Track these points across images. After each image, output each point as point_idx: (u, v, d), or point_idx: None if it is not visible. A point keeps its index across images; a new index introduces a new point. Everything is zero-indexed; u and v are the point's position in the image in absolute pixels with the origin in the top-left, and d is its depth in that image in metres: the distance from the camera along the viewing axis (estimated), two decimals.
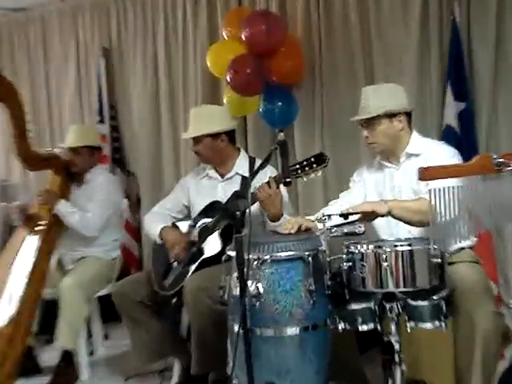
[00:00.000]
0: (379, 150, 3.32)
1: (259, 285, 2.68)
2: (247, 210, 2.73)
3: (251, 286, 2.66)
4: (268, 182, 3.34)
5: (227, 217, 2.63)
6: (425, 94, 4.48)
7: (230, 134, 3.87)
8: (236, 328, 2.62)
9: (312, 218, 3.17)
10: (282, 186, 3.35)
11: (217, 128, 3.78)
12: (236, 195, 2.63)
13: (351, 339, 3.14)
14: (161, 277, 3.75)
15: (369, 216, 2.95)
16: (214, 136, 3.78)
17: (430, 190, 2.40)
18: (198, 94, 5.30)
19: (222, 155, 3.85)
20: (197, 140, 3.81)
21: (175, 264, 3.73)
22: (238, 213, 2.54)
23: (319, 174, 3.32)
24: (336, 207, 3.32)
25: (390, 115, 3.24)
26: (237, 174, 3.82)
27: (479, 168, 2.53)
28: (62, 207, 4.29)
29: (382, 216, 2.96)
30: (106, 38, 5.85)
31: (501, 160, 2.49)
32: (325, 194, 4.78)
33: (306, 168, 3.29)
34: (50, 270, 4.22)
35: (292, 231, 3.07)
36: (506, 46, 4.29)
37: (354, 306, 2.70)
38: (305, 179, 3.34)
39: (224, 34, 4.82)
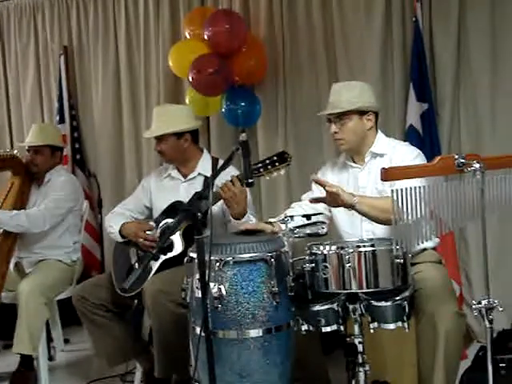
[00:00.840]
0: (346, 147, 3.32)
1: (221, 287, 2.66)
2: (209, 211, 2.71)
3: (213, 287, 2.64)
4: (231, 180, 3.33)
5: (188, 218, 2.60)
6: (388, 95, 4.52)
7: (194, 134, 3.85)
8: (198, 330, 2.60)
9: (275, 219, 3.16)
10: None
11: (181, 127, 3.76)
12: (198, 196, 2.60)
13: (315, 341, 3.14)
14: (122, 278, 3.70)
15: (334, 199, 2.94)
16: (179, 135, 3.76)
17: (392, 191, 2.41)
18: (160, 94, 5.27)
19: (185, 155, 3.83)
20: (160, 139, 3.78)
21: (137, 265, 3.69)
22: (199, 214, 2.52)
23: (282, 172, 3.32)
24: (298, 209, 3.33)
25: (361, 112, 3.27)
26: (199, 174, 3.80)
27: (442, 168, 2.55)
28: (1, 215, 4.18)
29: (346, 206, 2.97)
30: (67, 37, 5.77)
31: (463, 161, 2.51)
32: (288, 195, 4.79)
33: (269, 167, 3.29)
34: (9, 273, 4.16)
35: (248, 227, 3.09)
36: (467, 47, 4.35)
37: (317, 308, 2.69)
38: (267, 178, 3.35)
39: (186, 33, 4.80)
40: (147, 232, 3.70)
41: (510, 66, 4.24)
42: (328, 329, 2.70)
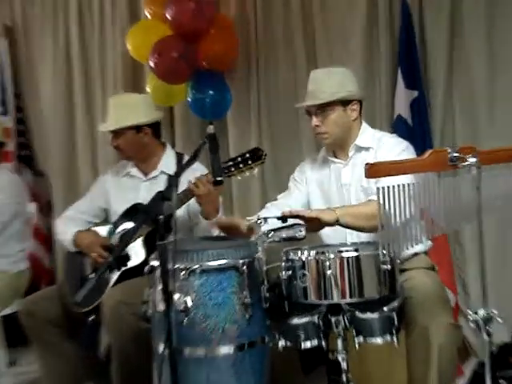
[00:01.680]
0: (330, 141, 3.34)
1: (187, 298, 2.65)
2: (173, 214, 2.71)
3: (178, 299, 2.63)
4: (206, 175, 3.36)
5: (149, 222, 2.59)
6: (373, 81, 4.55)
7: (155, 127, 3.85)
8: (161, 348, 2.59)
9: (247, 222, 3.17)
10: None
11: (140, 119, 3.75)
12: (160, 196, 2.59)
13: (293, 358, 3.15)
14: (75, 291, 3.68)
15: (313, 224, 2.95)
16: (137, 129, 3.75)
17: (378, 188, 2.42)
18: (118, 82, 5.25)
19: (145, 151, 3.82)
20: (117, 133, 3.77)
21: (92, 275, 3.68)
22: (161, 217, 2.51)
23: (255, 171, 3.34)
24: (273, 210, 3.33)
25: (345, 102, 3.28)
26: (162, 172, 3.80)
27: (433, 163, 2.56)
28: None
29: (329, 225, 2.97)
30: (8, 15, 5.71)
31: (456, 155, 2.52)
32: (263, 195, 4.80)
33: (240, 165, 3.30)
34: None
35: (222, 221, 3.12)
36: (461, 27, 4.38)
37: (296, 321, 2.70)
38: (239, 178, 3.35)
39: (146, 12, 4.78)
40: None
41: (509, 48, 4.26)
42: (308, 344, 2.71)
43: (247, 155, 3.31)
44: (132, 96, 4.12)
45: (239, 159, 3.32)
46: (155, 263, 2.71)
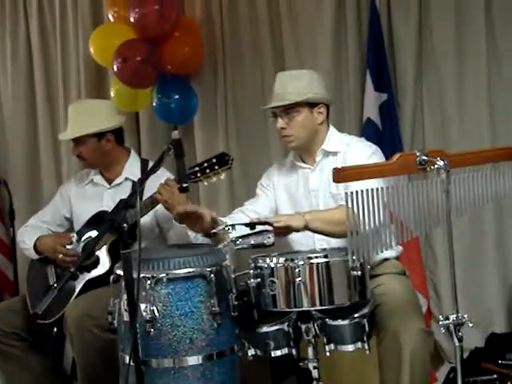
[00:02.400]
0: (295, 144, 3.35)
1: (154, 308, 2.65)
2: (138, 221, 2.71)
3: (144, 309, 2.63)
4: (166, 181, 3.36)
5: (112, 230, 2.58)
6: (342, 84, 4.56)
7: (118, 133, 3.84)
8: (127, 359, 2.58)
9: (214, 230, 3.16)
10: None
11: (101, 126, 3.74)
12: (123, 204, 2.58)
13: (264, 367, 3.14)
14: (38, 302, 3.66)
15: (282, 231, 2.96)
16: (99, 136, 3.73)
17: (346, 194, 2.43)
18: (81, 87, 5.19)
19: (108, 158, 3.82)
20: (78, 142, 3.76)
21: (55, 285, 3.65)
22: (125, 225, 2.50)
23: (222, 176, 3.34)
24: (241, 217, 3.34)
25: (311, 105, 3.30)
26: (127, 179, 3.79)
27: (401, 167, 2.58)
28: None
29: (298, 231, 2.98)
30: None
31: (425, 158, 2.55)
32: (231, 201, 4.78)
33: (207, 170, 3.30)
34: None
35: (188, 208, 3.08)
36: (430, 28, 4.42)
37: (265, 329, 2.71)
38: (205, 183, 3.36)
39: (110, 15, 4.75)
40: (67, 246, 3.66)
41: (478, 50, 4.31)
42: (278, 353, 2.73)
43: (213, 160, 3.31)
44: (92, 102, 4.13)
45: (205, 164, 3.32)
46: (120, 272, 2.71)
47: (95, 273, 3.55)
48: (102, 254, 3.55)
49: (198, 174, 3.30)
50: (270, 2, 4.71)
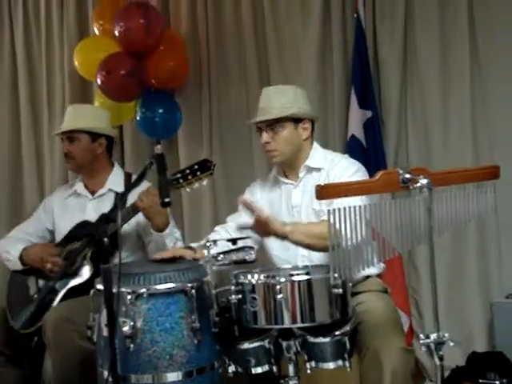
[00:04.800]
0: (280, 159, 3.35)
1: (134, 323, 2.63)
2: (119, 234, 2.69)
3: (124, 324, 2.61)
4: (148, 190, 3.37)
5: (93, 244, 2.57)
6: (327, 101, 4.58)
7: (110, 142, 3.86)
8: (105, 375, 2.56)
9: (196, 244, 3.16)
10: None
11: (97, 126, 3.75)
12: (104, 218, 2.57)
13: None
14: (18, 314, 3.63)
15: (263, 228, 2.96)
16: (93, 137, 3.75)
17: (328, 211, 2.42)
18: (66, 99, 5.18)
19: (95, 164, 3.83)
20: (72, 138, 3.76)
21: (35, 297, 3.63)
22: (105, 240, 2.49)
23: (204, 183, 3.33)
24: (223, 233, 3.34)
25: (296, 120, 3.31)
26: (110, 190, 3.79)
27: (384, 185, 2.58)
28: None
29: (277, 236, 2.98)
30: None
31: (408, 176, 2.55)
32: (214, 215, 4.77)
33: (189, 177, 3.29)
34: None
35: (165, 256, 3.09)
36: (415, 47, 4.46)
37: (246, 346, 2.70)
38: (188, 190, 3.35)
39: (95, 28, 4.75)
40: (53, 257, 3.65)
41: (462, 66, 4.35)
42: (259, 370, 2.72)
43: (196, 167, 3.30)
44: (90, 106, 4.17)
45: (187, 171, 3.31)
46: (100, 286, 2.69)
47: (76, 281, 3.52)
48: (82, 263, 3.54)
49: (181, 181, 3.29)
50: (255, 17, 4.73)
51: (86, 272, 3.52)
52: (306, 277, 2.64)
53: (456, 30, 4.36)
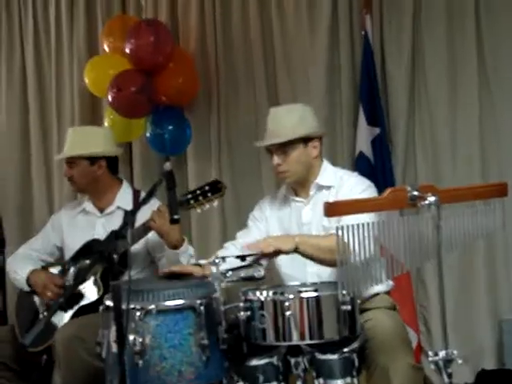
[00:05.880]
0: (292, 179, 3.35)
1: (143, 340, 2.63)
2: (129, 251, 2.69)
3: (133, 341, 2.62)
4: (159, 208, 3.38)
5: (103, 260, 2.57)
6: (335, 118, 4.60)
7: (111, 162, 3.85)
8: None
9: (204, 261, 3.16)
10: None
11: (94, 150, 3.75)
12: (114, 235, 2.58)
13: None
14: (26, 331, 3.64)
15: (271, 254, 2.97)
16: (92, 160, 3.75)
17: (337, 228, 2.43)
18: (75, 116, 5.21)
19: (98, 185, 3.82)
20: (71, 163, 3.77)
21: (45, 314, 3.64)
22: (115, 256, 2.49)
23: (215, 204, 3.35)
24: (232, 250, 3.34)
25: (306, 140, 3.30)
26: (119, 208, 3.79)
27: (393, 202, 2.58)
28: None
29: (287, 253, 2.99)
30: None
31: (416, 193, 2.55)
32: (223, 232, 4.79)
33: (200, 198, 3.31)
34: None
35: (173, 270, 3.12)
36: (423, 64, 4.48)
37: (254, 362, 2.70)
38: (198, 210, 3.36)
39: (105, 45, 4.79)
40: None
41: (470, 84, 4.38)
42: None
43: (206, 187, 3.32)
44: (90, 128, 4.17)
45: (198, 192, 3.33)
46: (109, 303, 2.70)
47: (86, 300, 3.53)
48: (92, 281, 3.54)
49: (192, 201, 3.31)
50: (264, 35, 4.75)
51: (95, 291, 3.53)
52: (315, 294, 2.65)
53: (464, 47, 4.38)
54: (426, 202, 2.53)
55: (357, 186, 3.26)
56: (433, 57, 4.44)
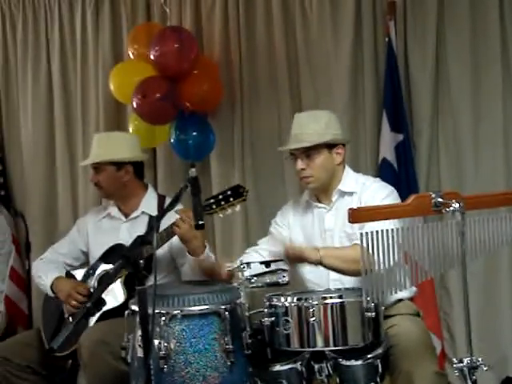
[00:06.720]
0: (315, 185, 3.36)
1: (168, 344, 2.65)
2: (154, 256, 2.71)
3: (158, 345, 2.64)
4: (184, 213, 3.37)
5: (128, 265, 2.59)
6: (358, 124, 4.59)
7: (137, 167, 3.87)
8: None
9: (229, 267, 3.17)
10: None
11: (121, 155, 3.77)
12: (140, 240, 2.60)
13: None
14: (52, 335, 3.67)
15: (297, 258, 2.97)
16: (118, 166, 3.77)
17: (361, 234, 2.43)
18: (100, 122, 5.23)
19: (125, 190, 3.84)
20: (98, 168, 3.80)
21: (70, 319, 3.66)
22: (141, 261, 2.51)
23: (237, 209, 3.36)
24: (254, 256, 3.35)
25: (330, 146, 3.31)
26: (143, 213, 3.81)
27: (417, 208, 2.59)
28: None
29: (311, 263, 2.99)
30: None
31: (440, 200, 2.55)
32: (245, 237, 4.78)
33: (222, 202, 3.32)
34: None
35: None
36: (447, 70, 4.45)
37: (278, 368, 2.72)
38: (221, 215, 3.37)
39: (130, 52, 4.81)
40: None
41: (494, 90, 4.36)
42: None
43: (229, 192, 3.33)
44: (116, 134, 4.20)
45: (220, 197, 3.33)
46: (135, 308, 2.72)
47: (109, 305, 3.55)
48: (117, 286, 3.56)
49: (214, 206, 3.31)
50: (287, 42, 4.75)
51: (120, 295, 3.55)
52: (339, 300, 2.66)
53: (488, 52, 4.36)
54: (451, 208, 2.53)
55: (379, 192, 3.27)
56: (457, 62, 4.42)
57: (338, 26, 4.61)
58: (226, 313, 2.70)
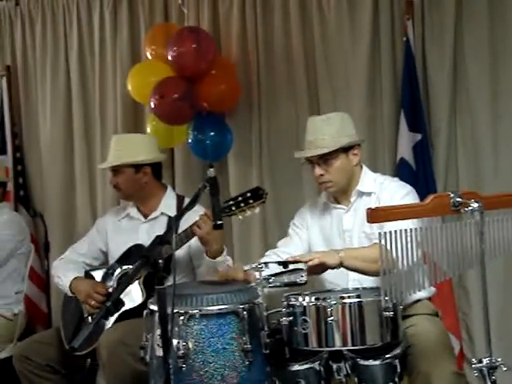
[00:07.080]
0: (335, 189, 3.36)
1: (186, 344, 2.66)
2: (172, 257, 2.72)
3: (177, 345, 2.64)
4: (205, 214, 3.36)
5: (147, 265, 2.60)
6: (376, 124, 4.58)
7: (156, 168, 3.89)
8: None
9: (247, 267, 3.17)
10: None
11: (139, 157, 3.79)
12: (159, 240, 2.61)
13: None
14: (72, 334, 3.69)
15: (317, 269, 2.97)
16: (137, 167, 3.78)
17: (380, 234, 2.43)
18: (118, 123, 5.26)
19: (144, 191, 3.85)
20: (116, 171, 3.81)
21: (89, 319, 3.68)
22: (160, 261, 2.52)
23: (256, 211, 3.36)
24: (274, 258, 3.32)
25: (346, 148, 3.31)
26: (162, 213, 3.82)
27: (435, 208, 2.58)
28: None
29: (333, 268, 2.98)
30: (9, 55, 5.76)
31: (459, 200, 2.55)
32: (264, 238, 4.79)
33: (241, 204, 3.32)
34: None
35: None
36: (465, 69, 4.43)
37: (296, 367, 2.72)
38: (240, 217, 3.38)
39: (148, 53, 4.83)
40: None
41: None
42: None
43: (248, 194, 3.33)
44: (133, 135, 4.20)
45: (240, 198, 3.34)
46: (154, 307, 2.73)
47: (128, 306, 3.56)
48: (135, 286, 3.57)
49: (233, 208, 3.32)
50: (305, 42, 4.75)
51: (138, 296, 3.57)
52: (357, 299, 2.66)
53: (506, 52, 4.33)
54: (470, 208, 2.52)
55: (398, 192, 3.26)
56: (475, 61, 4.40)
57: (356, 26, 4.61)
58: (245, 312, 2.70)
